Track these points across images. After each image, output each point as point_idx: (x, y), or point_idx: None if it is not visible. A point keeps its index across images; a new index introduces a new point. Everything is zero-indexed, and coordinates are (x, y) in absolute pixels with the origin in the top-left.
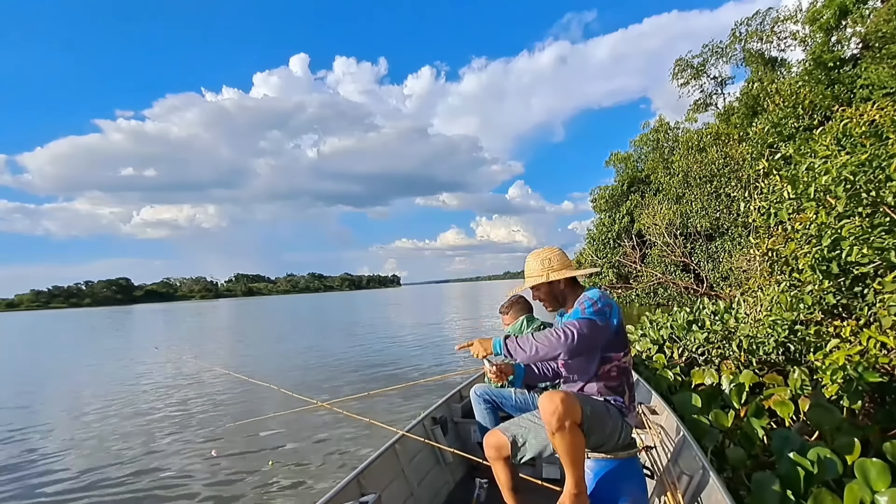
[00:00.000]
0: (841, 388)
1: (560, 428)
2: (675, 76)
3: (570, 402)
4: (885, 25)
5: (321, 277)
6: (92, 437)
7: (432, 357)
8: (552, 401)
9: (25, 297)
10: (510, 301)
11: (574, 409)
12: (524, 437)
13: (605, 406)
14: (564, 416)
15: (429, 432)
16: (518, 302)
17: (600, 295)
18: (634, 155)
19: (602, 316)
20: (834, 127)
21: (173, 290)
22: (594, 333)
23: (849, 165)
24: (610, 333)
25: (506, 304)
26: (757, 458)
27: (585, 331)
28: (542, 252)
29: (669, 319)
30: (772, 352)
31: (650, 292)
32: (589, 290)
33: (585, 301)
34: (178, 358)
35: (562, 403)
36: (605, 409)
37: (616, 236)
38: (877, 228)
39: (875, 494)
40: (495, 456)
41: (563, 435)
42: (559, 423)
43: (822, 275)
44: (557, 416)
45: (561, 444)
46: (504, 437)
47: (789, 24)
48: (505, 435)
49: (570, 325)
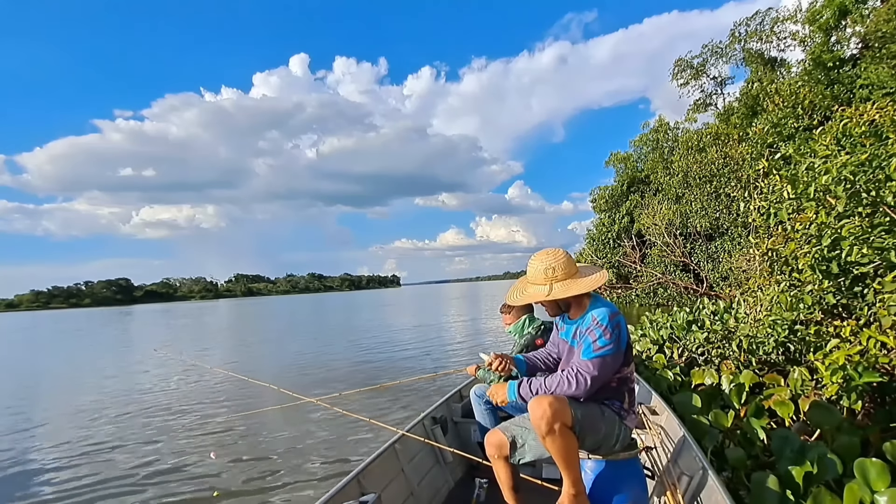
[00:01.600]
0: (841, 387)
1: (550, 431)
2: (675, 76)
3: (559, 406)
4: (885, 25)
5: (321, 278)
6: (92, 438)
7: (433, 358)
8: (540, 405)
9: (25, 298)
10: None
11: (563, 413)
12: (524, 439)
13: (600, 409)
14: (553, 419)
15: (429, 432)
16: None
17: (609, 315)
18: (634, 155)
19: (615, 345)
20: (834, 127)
21: (173, 291)
22: (607, 371)
23: (849, 165)
24: (620, 358)
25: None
26: (757, 459)
27: (598, 372)
28: (546, 258)
29: (669, 319)
30: (772, 352)
31: (650, 292)
32: (596, 307)
33: (595, 328)
34: (179, 359)
35: (549, 407)
36: (600, 412)
37: (616, 236)
38: (876, 228)
39: (875, 494)
40: (496, 455)
41: (554, 438)
42: (548, 426)
43: (821, 275)
44: (546, 420)
45: (553, 447)
46: (504, 436)
47: (789, 25)
48: (505, 434)
49: (584, 370)
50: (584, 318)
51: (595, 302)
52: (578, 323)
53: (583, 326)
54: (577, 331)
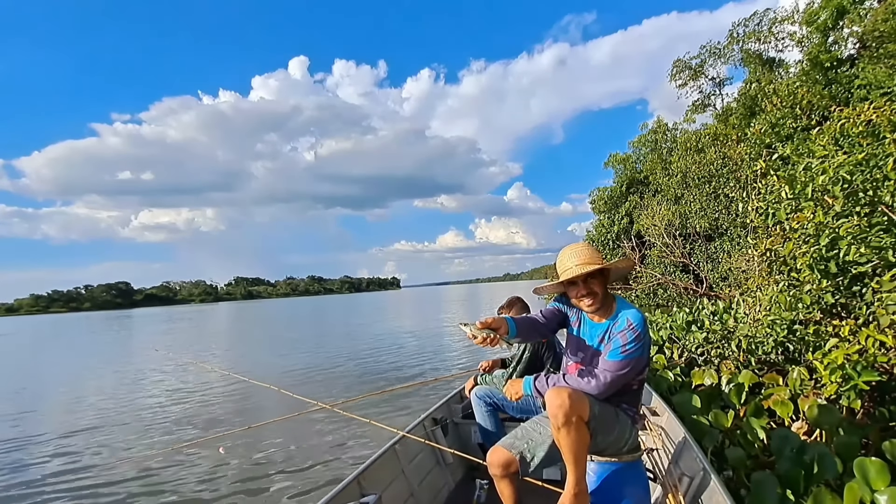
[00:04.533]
0: (840, 387)
1: (566, 423)
2: (673, 77)
3: (579, 399)
4: (883, 25)
5: (321, 280)
6: (91, 438)
7: (432, 359)
8: (559, 395)
9: (25, 302)
10: (509, 301)
11: (582, 406)
12: (532, 451)
13: (615, 412)
14: (571, 411)
15: (429, 433)
16: (517, 302)
17: (644, 320)
18: (633, 156)
19: (643, 350)
20: (831, 127)
21: (173, 294)
22: (628, 374)
23: (846, 165)
24: (643, 363)
25: (505, 304)
26: (757, 458)
27: (621, 373)
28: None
29: (669, 320)
30: (771, 351)
31: (649, 293)
32: (629, 310)
33: (629, 331)
34: (179, 360)
35: (569, 398)
36: (615, 414)
37: (615, 237)
38: (874, 228)
39: (875, 493)
40: (501, 474)
41: (569, 430)
42: (566, 417)
43: (820, 274)
44: (564, 411)
45: (565, 440)
46: (510, 453)
47: (787, 25)
48: (511, 452)
49: (608, 370)
50: (616, 318)
51: (623, 304)
52: (610, 324)
53: (616, 329)
54: (608, 332)
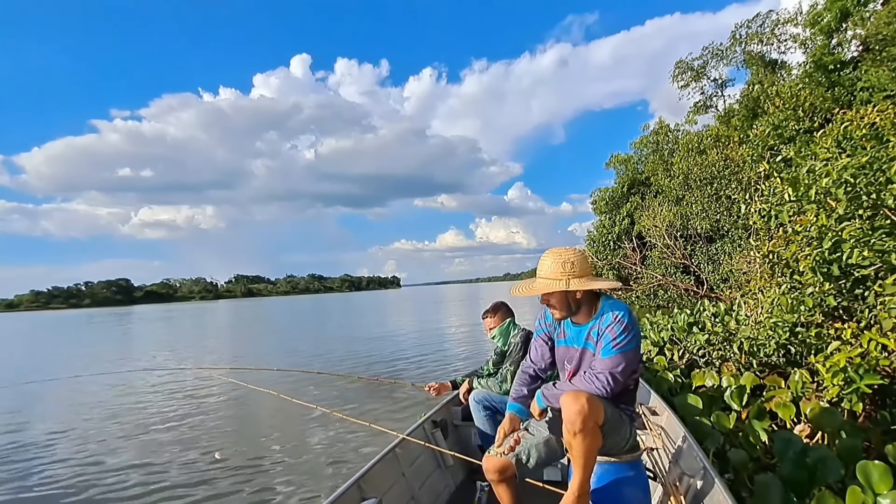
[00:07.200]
0: (842, 390)
1: (583, 429)
2: (675, 78)
3: (595, 403)
4: (886, 28)
5: (321, 279)
6: (91, 439)
7: (434, 359)
8: (578, 400)
9: (25, 298)
10: (494, 306)
11: (598, 411)
12: (527, 454)
13: (620, 413)
14: (590, 417)
15: (429, 436)
16: (502, 307)
17: (630, 313)
18: (634, 157)
19: (635, 343)
20: (834, 129)
21: (173, 291)
22: (627, 368)
23: (849, 168)
24: (638, 356)
25: (490, 309)
26: (759, 461)
27: (621, 368)
28: (564, 253)
29: (670, 321)
30: (772, 354)
31: (650, 294)
32: (613, 302)
33: (616, 325)
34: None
35: (587, 403)
36: (620, 415)
37: (616, 238)
38: (877, 231)
39: (877, 497)
40: (498, 479)
41: (585, 436)
42: (584, 423)
43: (822, 277)
44: (583, 417)
45: (580, 446)
46: (506, 458)
47: (789, 27)
48: (506, 456)
49: (608, 368)
50: (601, 315)
51: (608, 302)
52: (594, 322)
53: (602, 325)
54: (593, 331)
